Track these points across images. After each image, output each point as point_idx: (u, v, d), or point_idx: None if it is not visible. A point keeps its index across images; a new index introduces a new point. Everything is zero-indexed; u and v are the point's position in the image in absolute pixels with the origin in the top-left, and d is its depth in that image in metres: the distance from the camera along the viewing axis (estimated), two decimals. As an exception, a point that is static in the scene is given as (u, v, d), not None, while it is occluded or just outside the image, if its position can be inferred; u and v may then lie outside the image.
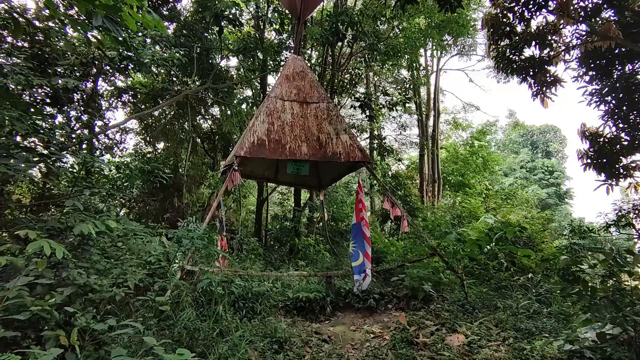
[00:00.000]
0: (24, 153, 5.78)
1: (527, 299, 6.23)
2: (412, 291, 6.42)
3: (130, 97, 18.26)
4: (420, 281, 6.46)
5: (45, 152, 6.32)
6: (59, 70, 10.86)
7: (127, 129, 20.67)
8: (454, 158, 27.12)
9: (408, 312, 6.05)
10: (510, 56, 9.89)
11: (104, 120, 19.41)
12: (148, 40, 10.56)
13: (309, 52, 14.21)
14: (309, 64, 14.90)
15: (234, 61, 19.55)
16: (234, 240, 11.02)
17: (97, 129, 13.27)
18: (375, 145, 15.56)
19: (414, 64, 15.88)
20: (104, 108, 18.76)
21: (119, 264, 5.86)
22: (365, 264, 6.52)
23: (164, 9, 14.32)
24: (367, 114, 12.61)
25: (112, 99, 19.52)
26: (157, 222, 15.10)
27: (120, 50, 9.52)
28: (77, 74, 11.92)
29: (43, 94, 10.24)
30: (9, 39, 9.71)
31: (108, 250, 6.39)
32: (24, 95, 9.10)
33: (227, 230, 13.89)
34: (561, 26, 8.45)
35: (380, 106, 13.75)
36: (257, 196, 16.64)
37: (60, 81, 9.52)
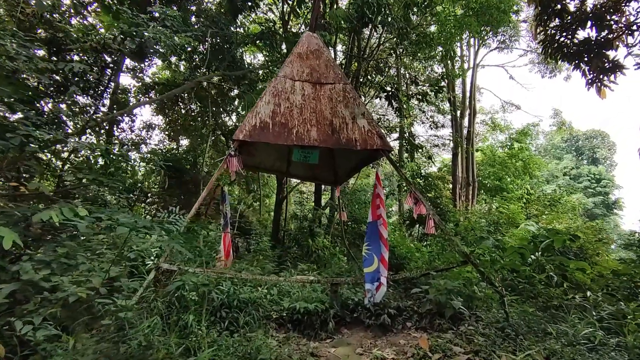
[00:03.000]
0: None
1: (587, 324, 4.87)
2: (437, 307, 5.20)
3: (158, 94, 18.09)
4: (449, 295, 5.24)
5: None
6: (74, 57, 10.49)
7: (153, 125, 20.64)
8: (490, 161, 25.26)
9: (431, 333, 4.86)
10: (561, 39, 8.62)
11: (132, 117, 19.29)
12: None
13: (329, 37, 13.14)
14: (332, 52, 13.90)
15: (260, 58, 18.92)
16: (241, 239, 10.15)
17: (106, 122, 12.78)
18: (404, 142, 14.27)
19: (449, 54, 14.51)
20: (132, 103, 18.71)
21: (94, 259, 5.07)
22: (380, 271, 5.38)
23: (191, 4, 13.82)
24: (395, 105, 11.40)
25: (140, 96, 19.43)
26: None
27: (122, 29, 8.87)
28: (90, 59, 11.54)
29: (51, 79, 9.80)
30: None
31: (87, 243, 5.64)
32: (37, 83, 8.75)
33: (243, 230, 13.08)
34: (623, 3, 7.11)
35: (410, 96, 12.45)
36: (276, 194, 15.78)
37: (74, 65, 9.03)
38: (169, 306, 4.35)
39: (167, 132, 19.93)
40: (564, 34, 8.37)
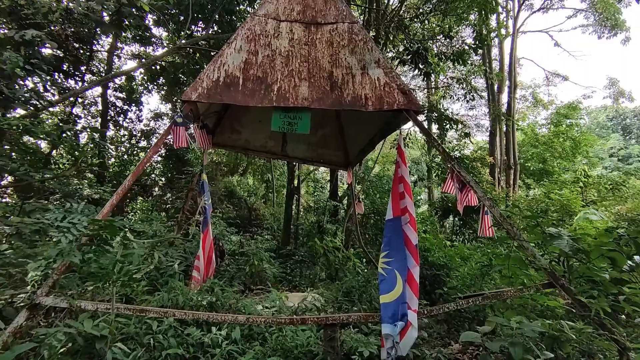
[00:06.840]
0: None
1: None
2: (506, 363, 3.11)
3: (164, 80, 16.76)
4: (525, 341, 3.11)
5: None
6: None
7: (162, 114, 19.50)
8: (532, 141, 22.39)
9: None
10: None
11: (139, 106, 18.07)
12: None
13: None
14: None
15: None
16: (241, 236, 8.30)
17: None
18: (433, 116, 11.91)
19: (484, 10, 11.82)
20: (141, 90, 17.56)
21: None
22: (406, 299, 3.32)
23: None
24: (421, 68, 9.10)
25: (147, 83, 18.21)
26: (177, 212, 13.03)
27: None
28: (57, 30, 10.07)
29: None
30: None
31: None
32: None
33: (238, 225, 11.27)
34: None
35: (442, 54, 10.06)
36: (287, 183, 13.90)
37: (25, 32, 7.53)
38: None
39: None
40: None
